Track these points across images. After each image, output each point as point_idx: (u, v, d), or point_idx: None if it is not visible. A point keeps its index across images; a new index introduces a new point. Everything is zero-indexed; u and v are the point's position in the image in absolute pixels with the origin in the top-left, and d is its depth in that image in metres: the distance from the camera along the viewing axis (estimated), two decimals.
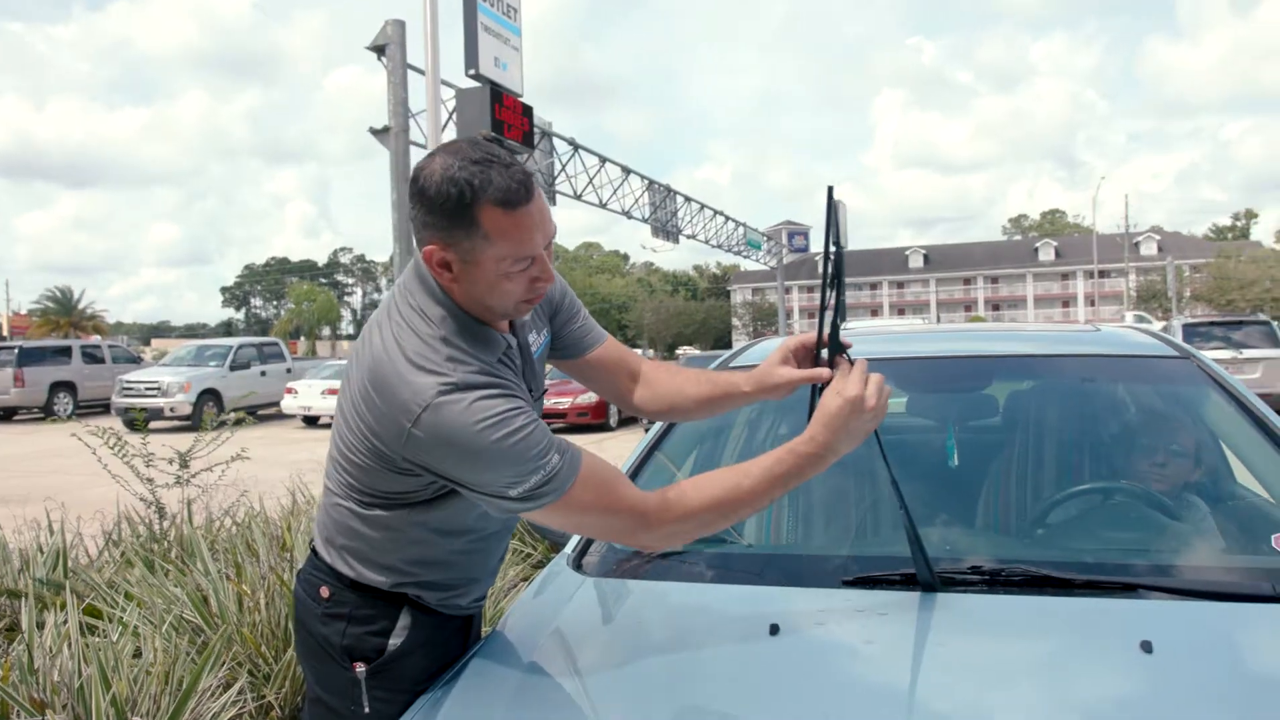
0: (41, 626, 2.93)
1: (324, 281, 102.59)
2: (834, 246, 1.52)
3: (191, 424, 16.05)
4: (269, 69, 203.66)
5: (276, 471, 6.89)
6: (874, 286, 78.00)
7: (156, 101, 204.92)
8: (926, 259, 79.15)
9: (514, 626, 1.69)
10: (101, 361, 21.87)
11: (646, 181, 21.02)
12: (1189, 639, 1.42)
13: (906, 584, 1.60)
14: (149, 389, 17.88)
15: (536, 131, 13.72)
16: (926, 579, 1.57)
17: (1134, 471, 2.09)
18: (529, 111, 12.41)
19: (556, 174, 16.93)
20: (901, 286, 79.06)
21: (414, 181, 1.36)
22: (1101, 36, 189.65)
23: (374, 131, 10.16)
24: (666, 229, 22.46)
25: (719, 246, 26.96)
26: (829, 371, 1.52)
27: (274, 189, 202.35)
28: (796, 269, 62.65)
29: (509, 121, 11.71)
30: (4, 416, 20.50)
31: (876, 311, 73.11)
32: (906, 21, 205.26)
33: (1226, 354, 13.99)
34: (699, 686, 1.42)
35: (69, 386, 20.85)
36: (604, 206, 19.05)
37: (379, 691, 1.52)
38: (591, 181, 18.39)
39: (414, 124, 10.75)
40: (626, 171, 19.82)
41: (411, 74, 10.19)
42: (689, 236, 24.29)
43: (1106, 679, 1.32)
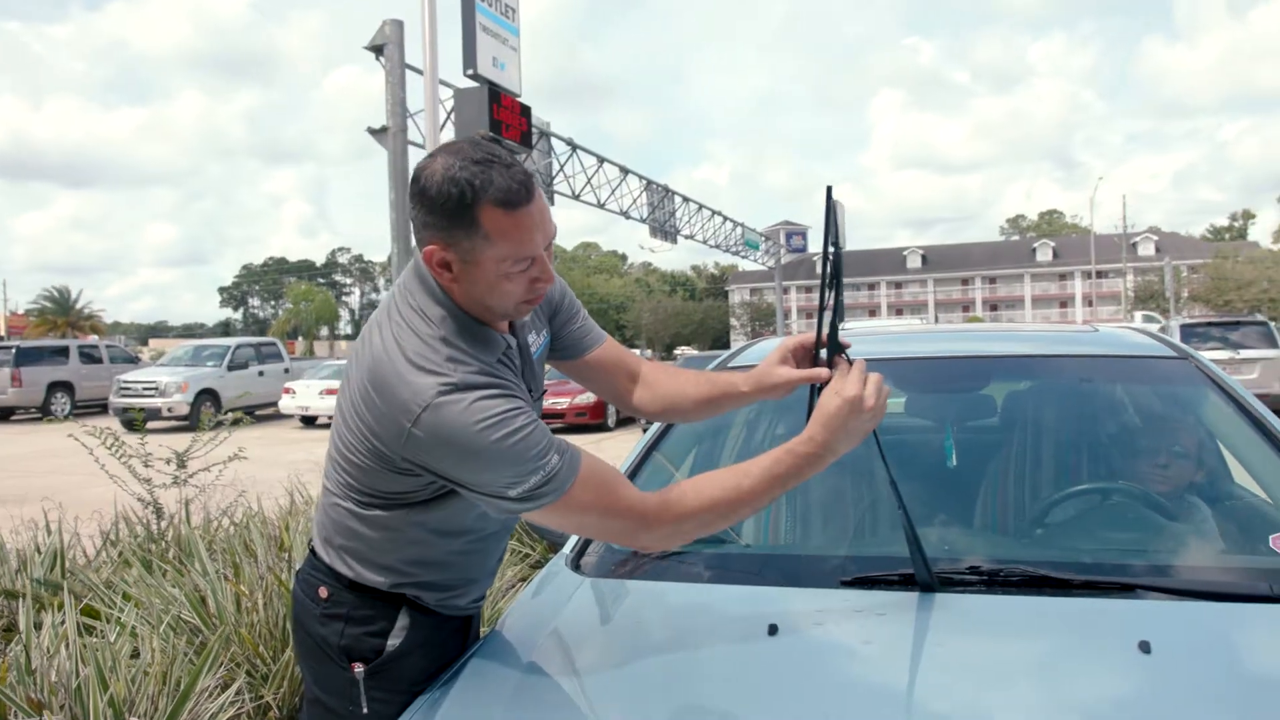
0: (39, 627, 2.92)
1: (322, 281, 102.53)
2: (832, 247, 1.52)
3: (189, 424, 16.03)
4: (266, 69, 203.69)
5: (274, 472, 6.88)
6: (872, 287, 78.08)
7: (153, 101, 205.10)
8: (924, 259, 79.23)
9: (512, 627, 1.69)
10: (99, 361, 21.84)
11: (644, 181, 21.03)
12: (1187, 639, 1.43)
13: (905, 584, 1.60)
14: (146, 389, 17.86)
15: (534, 131, 13.72)
16: (925, 579, 1.57)
17: (1132, 472, 2.09)
18: (527, 111, 12.41)
19: (554, 174, 16.92)
20: (899, 287, 79.14)
21: (415, 181, 1.36)
22: (1099, 37, 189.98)
23: (372, 131, 10.16)
24: (664, 229, 22.47)
25: (717, 247, 26.97)
26: (828, 371, 1.52)
27: (271, 189, 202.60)
28: (794, 269, 62.70)
29: (507, 121, 11.71)
30: (1, 416, 20.47)
31: (874, 312, 73.22)
32: (904, 22, 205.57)
33: (1224, 354, 14.01)
34: (697, 687, 1.43)
35: (66, 386, 20.82)
36: (602, 206, 19.05)
37: (377, 692, 1.52)
38: (590, 181, 18.40)
39: (412, 124, 10.75)
40: (624, 172, 19.82)
41: (410, 74, 10.18)
42: (687, 237, 24.30)
43: (1105, 679, 1.32)
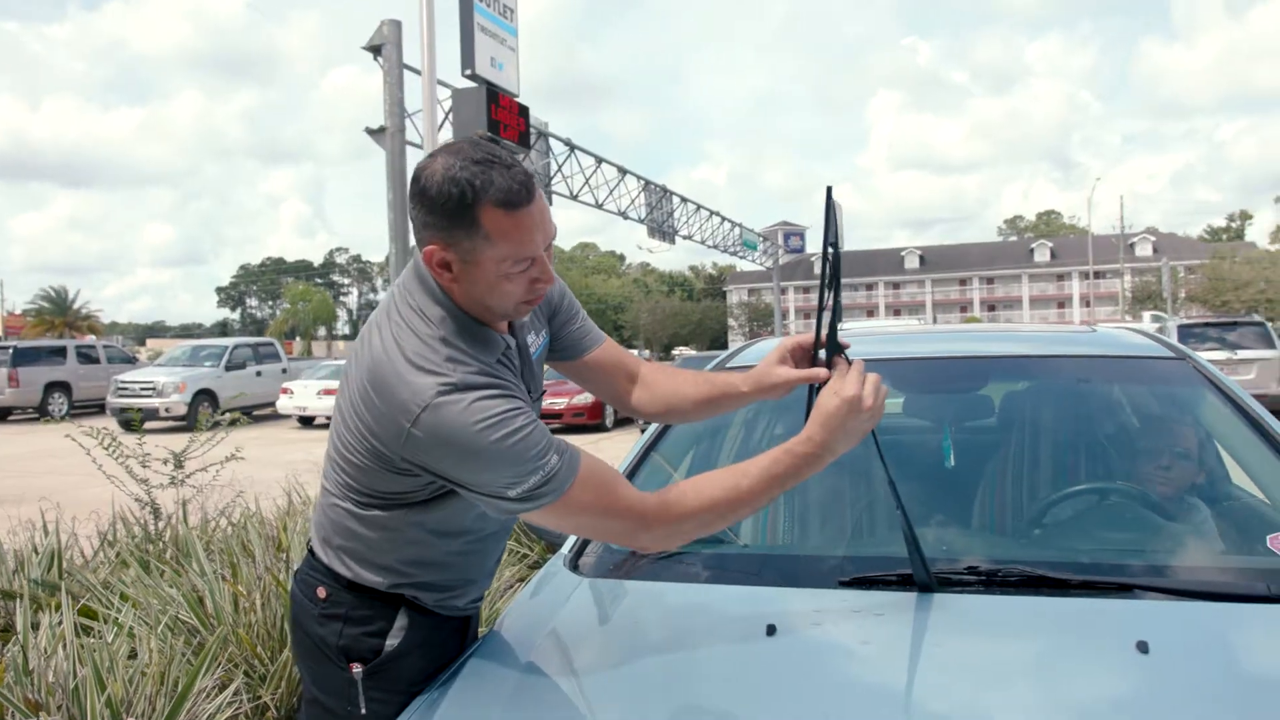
0: (36, 627, 2.92)
1: (320, 281, 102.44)
2: (831, 248, 1.52)
3: (187, 424, 16.02)
4: (264, 69, 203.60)
5: (272, 472, 6.88)
6: (870, 287, 78.16)
7: (151, 101, 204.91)
8: (922, 260, 79.31)
9: (511, 627, 1.68)
10: (96, 362, 21.82)
11: (643, 182, 21.03)
12: (1185, 639, 1.43)
13: (903, 584, 1.60)
14: (144, 389, 17.85)
15: (533, 132, 13.72)
16: (923, 579, 1.57)
17: (1130, 472, 2.09)
18: (525, 112, 12.41)
19: (553, 174, 16.92)
20: (897, 287, 79.23)
21: (415, 181, 1.36)
22: (1096, 38, 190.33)
23: (370, 132, 10.16)
24: (663, 229, 22.47)
25: (715, 247, 26.98)
26: (826, 371, 1.52)
27: (269, 189, 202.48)
28: (792, 269, 62.71)
29: (505, 122, 11.71)
30: None
31: (872, 312, 73.34)
32: (902, 22, 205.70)
33: (1221, 355, 14.02)
34: (696, 687, 1.43)
35: (64, 387, 20.79)
36: (600, 207, 19.05)
37: (375, 692, 1.52)
38: (588, 182, 18.39)
39: (410, 124, 10.74)
40: (623, 172, 19.82)
41: (408, 74, 10.18)
42: (685, 237, 24.30)
43: (1103, 679, 1.32)
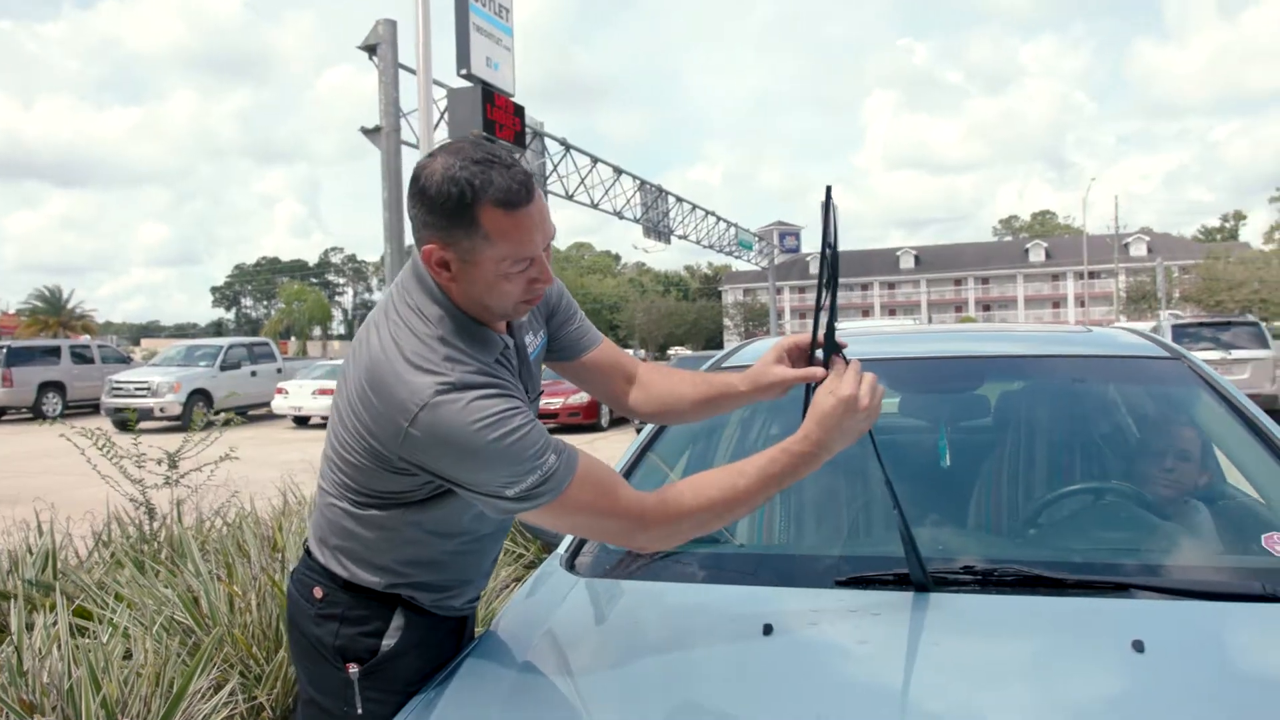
0: (31, 628, 2.91)
1: (315, 281, 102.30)
2: (829, 248, 1.52)
3: (181, 424, 15.99)
4: (260, 68, 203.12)
5: (267, 472, 6.87)
6: (865, 287, 78.25)
7: (146, 101, 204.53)
8: (917, 260, 79.41)
9: (507, 627, 1.68)
10: (91, 361, 21.76)
11: (638, 182, 21.04)
12: (1180, 638, 1.43)
13: (899, 584, 1.61)
14: (138, 389, 17.81)
15: (528, 131, 13.72)
16: (920, 579, 1.58)
17: (1125, 472, 2.10)
18: (521, 111, 12.41)
19: (548, 174, 16.92)
20: (892, 287, 79.32)
21: (414, 181, 1.36)
22: (1090, 39, 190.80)
23: (365, 131, 10.15)
24: (658, 229, 22.48)
25: (710, 247, 27.01)
26: (823, 371, 1.52)
27: (264, 189, 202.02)
28: (788, 269, 62.74)
29: (500, 121, 11.72)
30: None
31: (868, 312, 73.42)
32: (897, 23, 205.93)
33: (1215, 355, 14.06)
34: (692, 687, 1.43)
35: (58, 386, 20.73)
36: (595, 207, 19.06)
37: (372, 692, 1.52)
38: (583, 182, 18.40)
39: (405, 124, 10.74)
40: (618, 172, 19.82)
41: (403, 74, 10.18)
42: (680, 237, 24.33)
43: (1098, 678, 1.33)
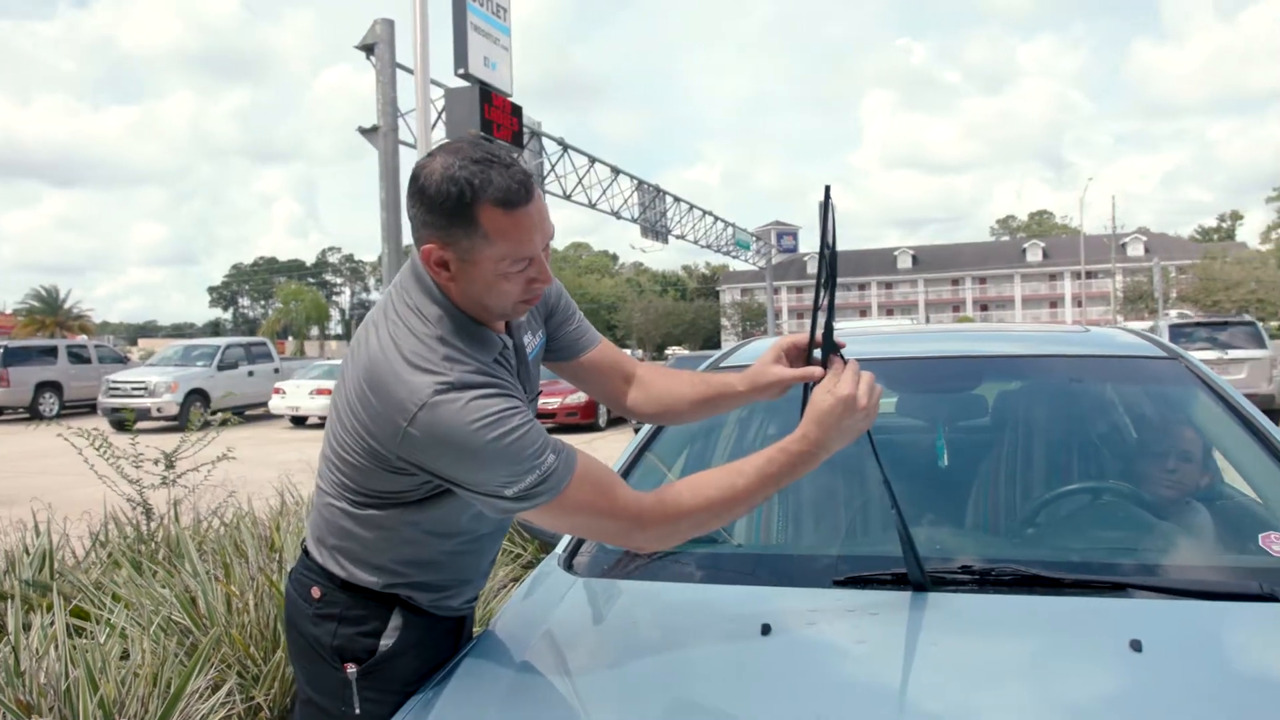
0: (28, 628, 2.91)
1: (312, 281, 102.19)
2: (827, 248, 1.52)
3: (178, 424, 15.96)
4: (257, 68, 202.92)
5: (264, 472, 6.86)
6: (862, 287, 78.29)
7: (143, 100, 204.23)
8: (915, 259, 79.47)
9: (505, 627, 1.68)
10: (88, 361, 21.74)
11: (635, 181, 21.04)
12: (1178, 638, 1.43)
13: (897, 583, 1.61)
14: (136, 389, 17.79)
15: (525, 131, 13.72)
16: (917, 578, 1.58)
17: (1123, 471, 2.10)
18: (518, 111, 12.41)
19: (545, 174, 16.92)
20: (890, 287, 79.37)
21: (414, 180, 1.35)
22: (1087, 38, 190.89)
23: (363, 131, 10.14)
24: (655, 229, 22.48)
25: (708, 247, 27.01)
26: (822, 370, 1.52)
27: (262, 188, 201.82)
28: (785, 269, 62.82)
29: (498, 121, 11.71)
30: None
31: (865, 312, 73.46)
32: (895, 23, 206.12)
33: (1212, 354, 14.08)
34: (691, 686, 1.43)
35: (55, 386, 20.71)
36: (593, 206, 19.05)
37: (370, 692, 1.52)
38: (581, 182, 18.39)
39: (403, 123, 10.74)
40: (615, 172, 19.82)
41: (401, 73, 10.17)
42: (678, 237, 24.33)
43: (1096, 678, 1.33)
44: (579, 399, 16.07)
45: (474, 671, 1.52)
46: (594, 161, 18.72)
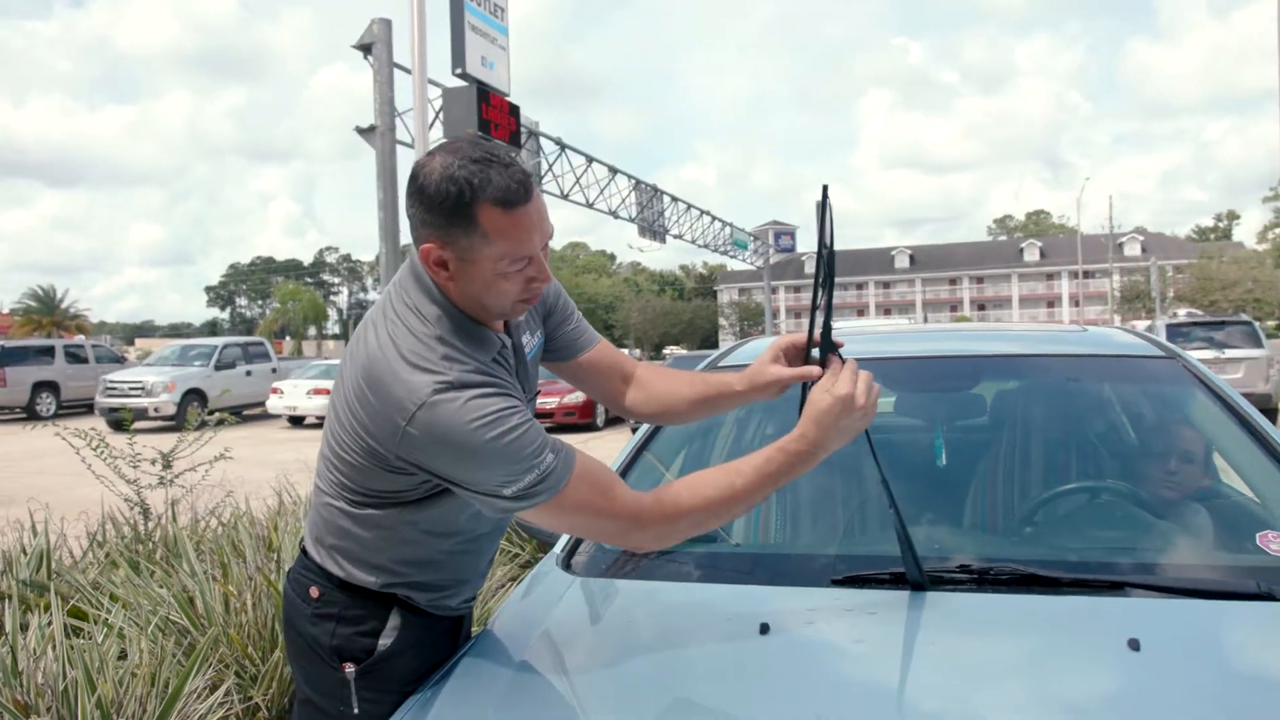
0: (25, 628, 2.90)
1: (310, 281, 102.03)
2: (825, 247, 1.52)
3: (176, 424, 15.94)
4: (254, 67, 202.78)
5: (262, 472, 6.86)
6: (860, 286, 78.34)
7: (140, 100, 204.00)
8: (912, 259, 79.52)
9: (503, 627, 1.68)
10: (85, 361, 21.71)
11: (633, 181, 21.04)
12: (1176, 637, 1.43)
13: (895, 583, 1.61)
14: (133, 389, 17.77)
15: (523, 131, 13.71)
16: (916, 578, 1.58)
17: (1121, 470, 2.10)
18: (516, 111, 12.41)
19: (543, 174, 16.92)
20: (887, 286, 79.43)
21: (413, 180, 1.35)
22: (1085, 38, 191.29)
23: (360, 130, 10.15)
24: (653, 229, 22.48)
25: (706, 246, 27.01)
26: (820, 369, 1.53)
27: (259, 188, 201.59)
28: (783, 269, 62.89)
29: (496, 121, 11.71)
30: None
31: (863, 311, 73.52)
32: (892, 22, 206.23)
33: (1209, 354, 14.10)
34: (689, 686, 1.42)
35: (52, 386, 20.69)
36: (591, 206, 19.05)
37: (368, 692, 1.52)
38: (578, 181, 18.39)
39: (400, 123, 10.73)
40: (613, 171, 19.82)
41: (398, 73, 10.16)
42: (676, 236, 24.33)
43: (1094, 677, 1.33)
44: (577, 398, 16.06)
45: (472, 671, 1.52)
46: (591, 161, 18.72)
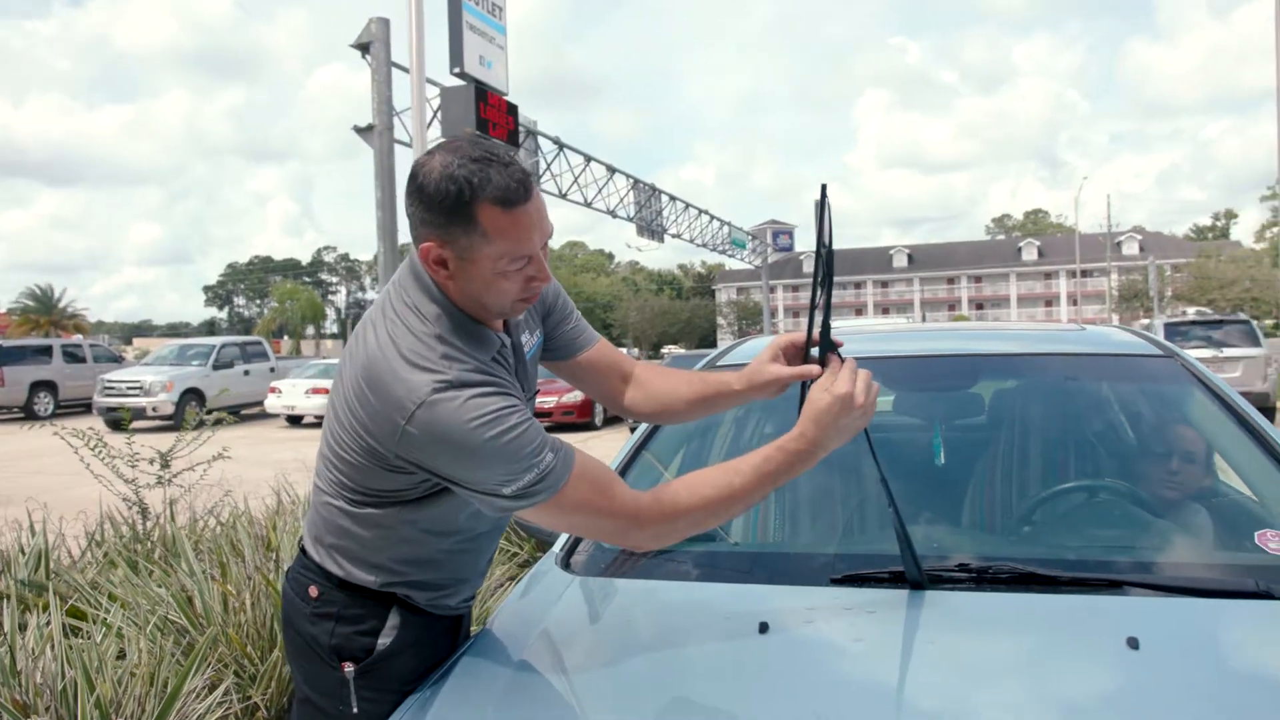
0: (24, 628, 2.90)
1: (308, 280, 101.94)
2: (823, 246, 1.52)
3: (174, 423, 15.93)
4: (252, 67, 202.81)
5: (261, 471, 6.85)
6: (858, 286, 78.36)
7: (138, 99, 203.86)
8: (910, 258, 79.54)
9: (502, 626, 1.68)
10: (83, 361, 21.69)
11: (631, 180, 21.03)
12: (1175, 635, 1.44)
13: (895, 582, 1.61)
14: (131, 388, 17.75)
15: (521, 130, 13.70)
16: (915, 576, 1.58)
17: (1119, 469, 2.10)
18: (514, 110, 12.40)
19: (541, 173, 16.91)
20: (886, 286, 79.47)
21: (413, 179, 1.35)
22: (1083, 38, 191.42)
23: (358, 129, 10.14)
24: (651, 228, 22.47)
25: (704, 245, 27.01)
26: (819, 369, 1.53)
27: (257, 187, 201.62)
28: (781, 268, 62.89)
29: (493, 120, 11.70)
30: None
31: (861, 310, 73.53)
32: (891, 22, 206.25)
33: (1207, 353, 14.11)
34: (688, 685, 1.43)
35: (50, 386, 20.67)
36: (589, 205, 19.04)
37: (367, 691, 1.52)
38: (576, 180, 18.38)
39: (398, 122, 10.72)
40: (611, 171, 19.81)
41: (396, 72, 10.16)
42: (674, 235, 24.32)
43: (1093, 675, 1.33)
44: (575, 398, 16.06)
45: (471, 670, 1.52)
46: (590, 160, 18.72)
